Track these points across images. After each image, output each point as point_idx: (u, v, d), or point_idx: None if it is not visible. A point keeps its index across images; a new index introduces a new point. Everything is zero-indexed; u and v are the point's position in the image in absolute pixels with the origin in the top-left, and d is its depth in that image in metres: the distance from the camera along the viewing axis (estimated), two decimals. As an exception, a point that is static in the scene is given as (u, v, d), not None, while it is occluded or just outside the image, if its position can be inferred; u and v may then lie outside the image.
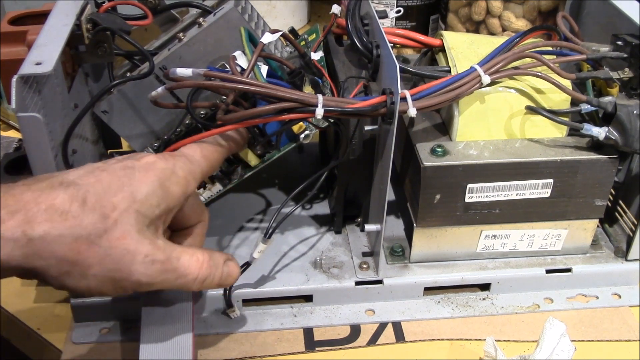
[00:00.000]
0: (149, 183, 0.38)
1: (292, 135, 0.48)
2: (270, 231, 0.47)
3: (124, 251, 0.37)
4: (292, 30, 0.57)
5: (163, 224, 0.41)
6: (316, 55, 0.51)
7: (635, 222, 0.54)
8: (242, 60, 0.46)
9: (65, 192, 0.36)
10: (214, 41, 0.51)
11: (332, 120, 0.47)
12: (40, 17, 0.60)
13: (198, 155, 0.43)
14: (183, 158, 0.42)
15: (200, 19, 0.52)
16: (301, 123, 0.47)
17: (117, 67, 0.58)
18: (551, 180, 0.49)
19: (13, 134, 0.72)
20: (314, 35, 0.56)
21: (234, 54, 0.46)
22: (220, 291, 0.50)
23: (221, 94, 0.46)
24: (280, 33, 0.48)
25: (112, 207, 0.37)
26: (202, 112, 0.52)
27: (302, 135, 0.47)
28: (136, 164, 0.39)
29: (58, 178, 0.37)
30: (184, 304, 0.47)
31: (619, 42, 0.50)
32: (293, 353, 0.49)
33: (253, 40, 0.48)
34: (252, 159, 0.49)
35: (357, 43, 0.51)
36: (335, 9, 0.55)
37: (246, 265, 0.49)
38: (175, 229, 0.46)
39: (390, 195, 0.52)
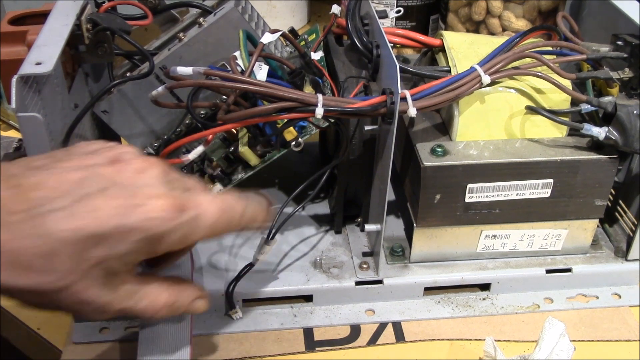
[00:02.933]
0: (134, 242, 0.34)
1: (284, 142, 0.48)
2: (273, 232, 0.47)
3: (79, 303, 0.34)
4: (292, 30, 0.57)
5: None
6: (316, 55, 0.51)
7: (635, 222, 0.54)
8: (240, 63, 0.46)
9: (38, 239, 0.32)
10: (214, 41, 0.51)
11: (332, 120, 0.47)
12: (40, 17, 0.60)
13: (209, 222, 0.37)
14: (193, 223, 0.36)
15: (201, 19, 0.52)
16: (293, 130, 0.47)
17: (117, 67, 0.58)
18: (551, 180, 0.49)
19: (13, 134, 0.72)
20: (314, 35, 0.56)
21: (234, 53, 0.46)
22: (222, 292, 0.50)
23: (222, 93, 0.46)
24: (280, 33, 0.48)
25: (86, 258, 0.33)
26: (202, 112, 0.52)
27: (293, 144, 0.47)
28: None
29: (40, 209, 0.32)
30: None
31: (619, 42, 0.50)
32: (293, 353, 0.49)
33: (253, 41, 0.48)
34: (252, 159, 0.49)
35: (357, 43, 0.51)
36: (335, 9, 0.55)
37: (249, 266, 0.49)
38: None
39: (390, 195, 0.52)
